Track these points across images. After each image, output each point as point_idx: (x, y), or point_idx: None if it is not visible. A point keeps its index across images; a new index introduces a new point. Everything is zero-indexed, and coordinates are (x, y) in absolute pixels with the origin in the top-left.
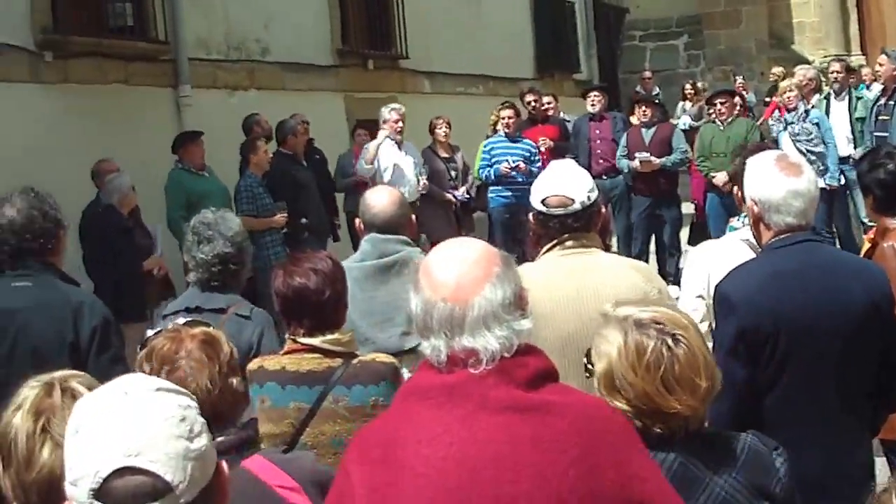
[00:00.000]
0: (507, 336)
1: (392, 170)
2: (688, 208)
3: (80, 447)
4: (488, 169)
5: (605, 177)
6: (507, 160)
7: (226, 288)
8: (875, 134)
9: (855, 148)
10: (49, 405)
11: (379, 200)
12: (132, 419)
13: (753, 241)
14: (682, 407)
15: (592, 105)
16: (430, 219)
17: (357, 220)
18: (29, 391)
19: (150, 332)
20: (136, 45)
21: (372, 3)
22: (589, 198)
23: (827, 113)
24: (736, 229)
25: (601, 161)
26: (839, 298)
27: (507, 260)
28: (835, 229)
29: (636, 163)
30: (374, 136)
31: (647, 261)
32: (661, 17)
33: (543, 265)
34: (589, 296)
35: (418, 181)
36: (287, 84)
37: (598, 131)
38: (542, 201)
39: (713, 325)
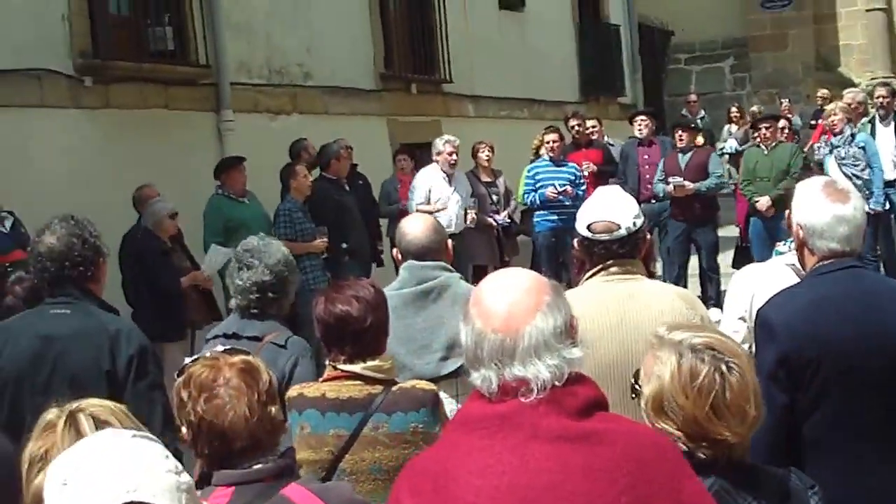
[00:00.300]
0: (557, 365)
1: (440, 202)
2: (732, 231)
3: (72, 496)
4: (533, 193)
5: (654, 201)
6: (553, 185)
7: (265, 315)
8: None
9: None
10: (51, 434)
11: (414, 228)
12: (124, 459)
13: (798, 266)
14: (729, 434)
15: (640, 130)
16: (473, 243)
17: (394, 249)
18: (41, 419)
19: (188, 360)
20: (177, 69)
21: (415, 26)
22: (635, 224)
23: (872, 136)
24: (782, 254)
25: (650, 186)
26: (882, 325)
27: (557, 289)
28: (879, 253)
29: (670, 187)
30: (415, 160)
31: (685, 285)
32: (707, 39)
33: (586, 292)
34: (632, 323)
35: (466, 214)
36: (330, 108)
37: (646, 156)
38: (588, 227)
39: (753, 349)
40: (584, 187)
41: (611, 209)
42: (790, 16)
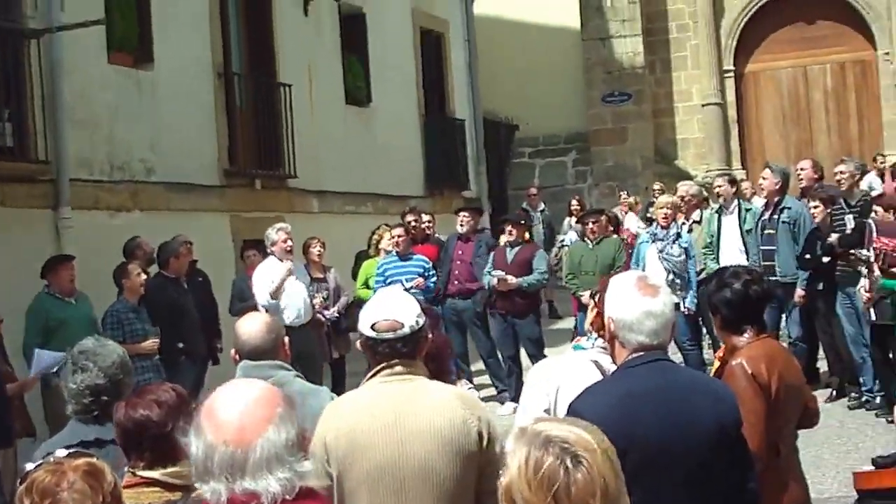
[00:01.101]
0: (288, 478)
1: (285, 295)
2: (568, 323)
3: None
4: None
5: (457, 297)
6: (401, 280)
7: (105, 419)
8: (762, 248)
9: (747, 259)
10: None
11: (248, 328)
12: None
13: (601, 361)
14: None
15: (461, 225)
16: (301, 340)
17: (233, 350)
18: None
19: (29, 466)
20: (16, 165)
21: (261, 122)
22: (418, 322)
23: (719, 227)
24: (583, 349)
25: (456, 282)
26: (688, 419)
27: (290, 401)
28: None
29: (494, 280)
30: (264, 256)
31: (519, 376)
32: (550, 133)
33: (365, 392)
34: (407, 424)
35: (311, 301)
36: (172, 204)
37: (460, 252)
38: (372, 326)
39: None
40: (434, 278)
41: (394, 308)
42: (629, 110)
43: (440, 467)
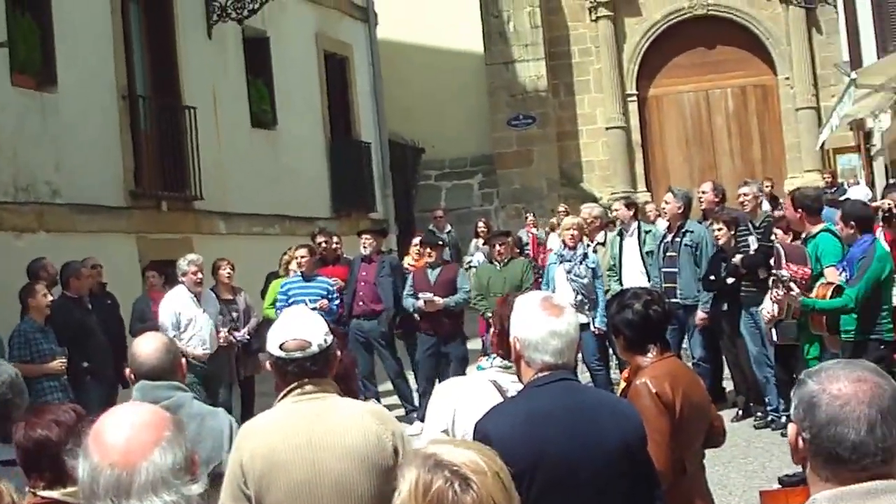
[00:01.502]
0: (174, 501)
1: (190, 327)
2: (477, 344)
3: None
4: (286, 309)
5: (362, 318)
6: (305, 300)
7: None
8: (664, 270)
9: (648, 281)
10: None
11: (145, 348)
12: None
13: (500, 380)
14: None
15: (364, 247)
16: (211, 360)
17: (127, 370)
18: None
19: None
20: None
21: (166, 144)
22: (326, 341)
23: (620, 249)
24: (483, 369)
25: (360, 303)
26: (594, 438)
27: (179, 424)
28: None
29: (421, 302)
30: (166, 277)
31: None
32: (456, 156)
33: (278, 413)
34: (321, 443)
35: (218, 332)
36: (78, 226)
37: (364, 273)
38: (280, 346)
39: None
40: (337, 300)
41: (301, 328)
42: (535, 133)
43: (356, 483)
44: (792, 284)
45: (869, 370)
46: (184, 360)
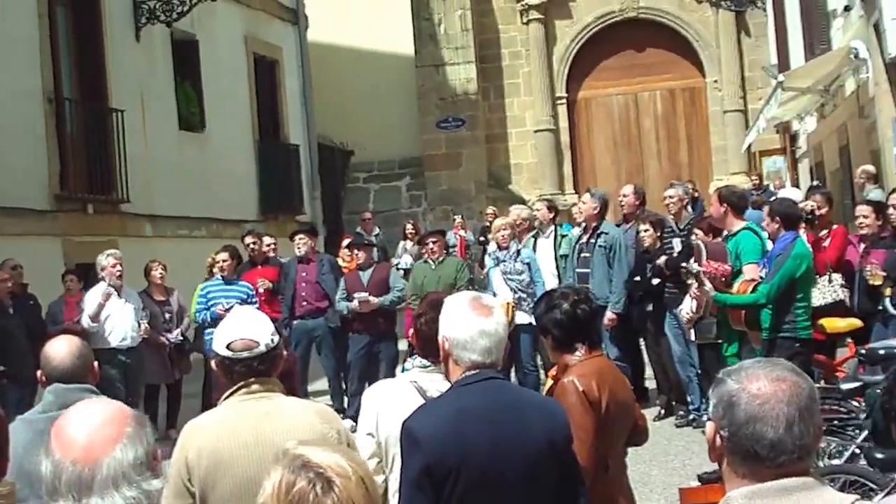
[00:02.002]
0: (136, 497)
1: (112, 318)
2: (404, 345)
3: None
4: (205, 312)
5: (307, 318)
6: (222, 303)
7: None
8: (577, 270)
9: (560, 283)
10: None
11: (58, 352)
12: None
13: (421, 380)
14: None
15: (298, 248)
16: (146, 361)
17: (38, 372)
18: None
19: None
20: None
21: (92, 147)
22: (273, 340)
23: (534, 250)
24: (407, 370)
25: (304, 303)
26: (519, 435)
27: (141, 420)
28: (541, 362)
29: (355, 303)
30: (85, 281)
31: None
32: (385, 159)
33: (223, 412)
34: (267, 441)
35: (139, 326)
36: (4, 229)
37: (304, 273)
38: (228, 346)
39: (396, 461)
40: (256, 304)
41: (248, 327)
42: (464, 136)
43: None
44: (704, 279)
45: (787, 369)
46: (96, 363)
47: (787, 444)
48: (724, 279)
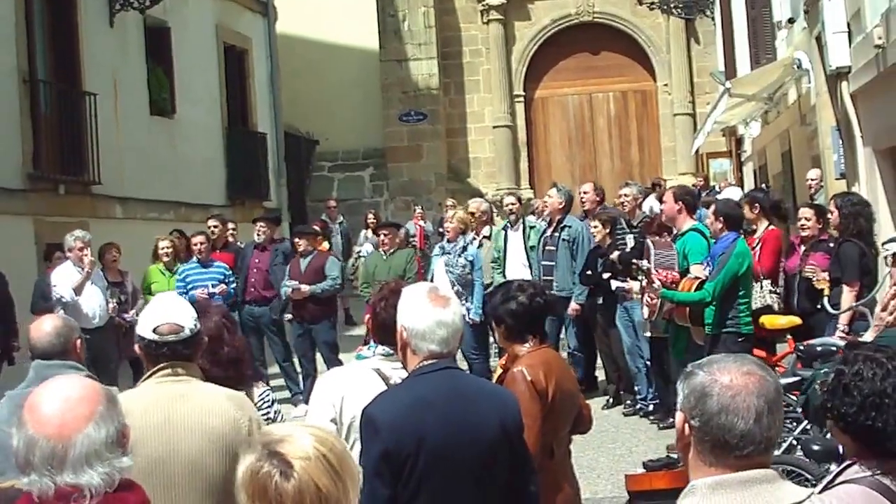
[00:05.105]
0: (108, 472)
1: (83, 297)
2: (362, 331)
3: None
4: (184, 295)
5: (254, 304)
6: (207, 285)
7: None
8: (542, 262)
9: (531, 274)
10: None
11: (41, 329)
12: None
13: (382, 367)
14: None
15: (258, 235)
16: (98, 341)
17: (15, 347)
18: None
19: None
20: None
21: (65, 128)
22: (196, 325)
23: (505, 242)
24: (365, 357)
25: (252, 289)
26: (474, 423)
27: (112, 398)
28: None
29: (289, 290)
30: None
31: (315, 377)
32: (349, 149)
33: (138, 393)
34: (179, 423)
35: (107, 305)
36: None
37: (257, 260)
38: (154, 329)
39: (353, 446)
40: (234, 284)
41: (173, 312)
42: (425, 129)
43: (210, 465)
44: (653, 276)
45: (755, 364)
46: (79, 341)
47: (756, 435)
48: (674, 285)
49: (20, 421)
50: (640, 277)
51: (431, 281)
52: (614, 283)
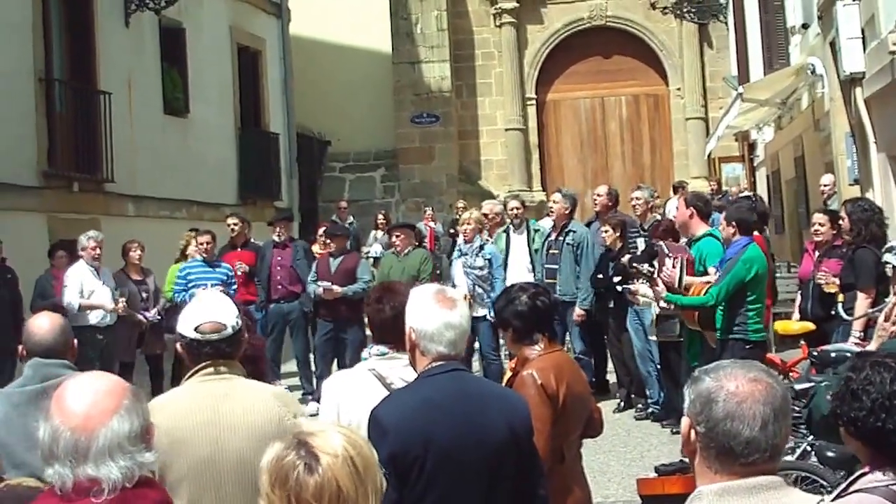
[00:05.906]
0: (129, 467)
1: (90, 296)
2: None
3: None
4: (184, 293)
5: (282, 301)
6: (206, 285)
7: None
8: (546, 266)
9: (534, 277)
10: None
11: (40, 327)
12: None
13: (379, 367)
14: None
15: (279, 235)
16: (120, 339)
17: (20, 347)
18: None
19: None
20: None
21: (80, 126)
22: (237, 323)
23: (508, 244)
24: (366, 360)
25: (279, 287)
26: (482, 425)
27: (137, 394)
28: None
29: (320, 290)
30: (73, 257)
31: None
32: (361, 150)
33: (183, 392)
34: (225, 422)
35: (116, 304)
36: None
37: (279, 258)
38: (196, 328)
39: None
40: (234, 287)
41: (215, 311)
42: (437, 131)
43: (257, 463)
44: (657, 279)
45: (762, 371)
46: (76, 341)
47: (761, 443)
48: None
49: (48, 412)
50: (641, 281)
51: (452, 284)
52: (621, 286)
